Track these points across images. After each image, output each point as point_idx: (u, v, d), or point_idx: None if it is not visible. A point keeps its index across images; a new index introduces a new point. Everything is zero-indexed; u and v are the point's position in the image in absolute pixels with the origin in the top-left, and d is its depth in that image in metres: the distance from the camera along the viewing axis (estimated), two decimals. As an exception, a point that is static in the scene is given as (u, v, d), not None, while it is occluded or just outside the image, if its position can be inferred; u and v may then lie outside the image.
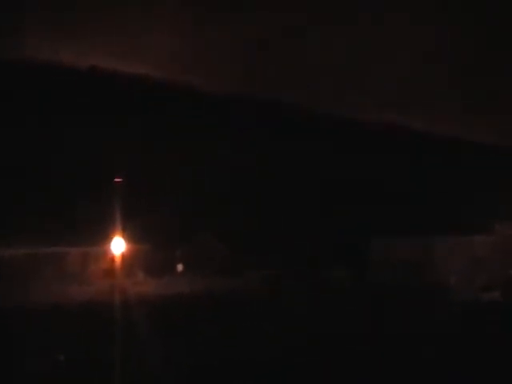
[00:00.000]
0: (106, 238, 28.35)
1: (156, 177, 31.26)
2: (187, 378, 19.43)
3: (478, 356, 22.05)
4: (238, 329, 26.22)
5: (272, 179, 34.08)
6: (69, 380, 19.88)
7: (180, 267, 39.64)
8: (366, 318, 28.64)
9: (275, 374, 20.20)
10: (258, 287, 34.48)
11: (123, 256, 26.06)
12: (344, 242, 39.71)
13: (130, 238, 28.93)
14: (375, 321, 28.52)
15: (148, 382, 19.33)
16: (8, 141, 21.82)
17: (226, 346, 23.92)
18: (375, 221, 38.98)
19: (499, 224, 41.45)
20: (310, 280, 35.89)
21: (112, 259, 25.82)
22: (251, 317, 27.94)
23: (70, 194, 33.00)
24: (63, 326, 24.42)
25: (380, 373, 20.33)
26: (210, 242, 40.89)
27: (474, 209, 37.55)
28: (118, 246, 25.41)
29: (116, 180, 23.20)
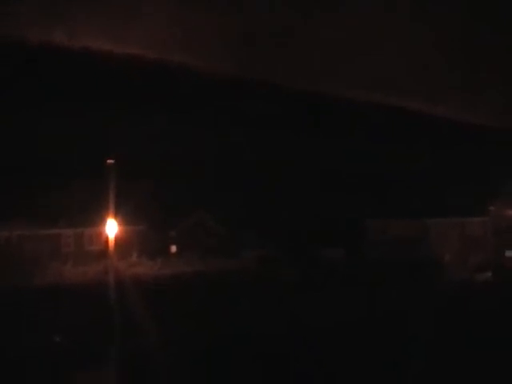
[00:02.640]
0: (101, 220, 28.39)
1: (151, 158, 31.23)
2: (182, 357, 19.56)
3: (469, 333, 22.29)
4: (234, 308, 26.36)
5: (269, 161, 34.07)
6: (64, 360, 19.96)
7: (174, 248, 39.73)
8: (361, 296, 28.83)
9: (272, 352, 20.34)
10: (254, 267, 34.59)
11: (118, 237, 26.12)
12: (342, 222, 39.90)
13: (124, 219, 29.00)
14: (370, 298, 28.71)
15: (143, 361, 19.44)
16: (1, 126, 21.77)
17: (222, 326, 24.05)
18: (373, 202, 39.11)
19: (493, 206, 41.67)
20: (306, 259, 36.07)
21: (107, 240, 25.88)
22: (247, 296, 28.06)
23: (64, 176, 32.99)
24: (58, 306, 24.51)
25: (374, 348, 20.54)
26: (205, 223, 40.98)
27: (469, 190, 37.70)
28: (113, 227, 25.46)
29: (109, 161, 23.19)
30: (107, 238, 25.38)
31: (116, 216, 25.21)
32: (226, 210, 39.03)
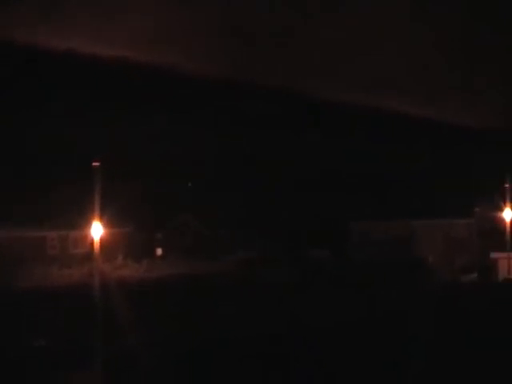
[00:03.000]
0: (87, 222, 28.25)
1: (137, 161, 31.18)
2: (167, 359, 19.53)
3: (455, 333, 22.41)
4: (218, 310, 26.34)
5: (257, 164, 34.11)
6: (49, 363, 19.88)
7: (160, 250, 39.66)
8: (348, 296, 28.90)
9: (257, 353, 20.30)
10: (240, 269, 34.60)
11: (103, 239, 25.97)
12: (329, 223, 40.05)
13: (110, 221, 28.85)
14: (357, 298, 28.78)
15: (128, 362, 19.38)
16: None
17: (206, 328, 24.03)
18: (359, 203, 39.25)
19: (478, 208, 41.90)
20: (294, 260, 36.17)
21: (92, 243, 25.72)
22: (232, 298, 28.05)
23: (50, 178, 32.84)
24: (44, 308, 24.42)
25: (358, 347, 20.62)
26: (191, 225, 40.94)
27: (455, 192, 37.91)
28: (98, 229, 25.32)
29: (94, 164, 23.07)
30: (93, 240, 25.21)
31: (101, 218, 25.06)
32: (212, 213, 39.07)
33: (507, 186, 36.16)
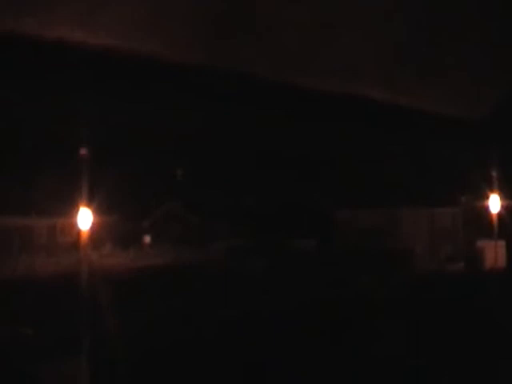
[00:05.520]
0: (74, 211, 28.18)
1: (123, 148, 31.05)
2: (154, 348, 19.54)
3: (439, 324, 22.50)
4: (205, 298, 26.36)
5: (242, 152, 34.06)
6: (36, 352, 19.84)
7: (147, 239, 39.57)
8: (331, 285, 28.97)
9: (244, 343, 20.33)
10: (226, 258, 34.63)
11: (90, 228, 25.91)
12: (313, 212, 40.07)
13: (97, 209, 28.78)
14: (340, 287, 28.86)
15: (115, 353, 19.37)
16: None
17: (193, 316, 24.04)
18: (343, 192, 39.26)
19: (464, 196, 42.00)
20: (279, 250, 36.22)
21: (79, 231, 25.66)
22: (219, 286, 28.08)
23: (37, 166, 32.65)
24: (31, 297, 24.35)
25: (342, 338, 20.68)
26: (178, 213, 40.88)
27: (440, 181, 37.96)
28: (86, 217, 25.26)
29: (82, 152, 23.02)
30: (80, 228, 25.14)
31: (89, 206, 25.00)
32: (199, 201, 39.06)
33: (493, 173, 36.26)
